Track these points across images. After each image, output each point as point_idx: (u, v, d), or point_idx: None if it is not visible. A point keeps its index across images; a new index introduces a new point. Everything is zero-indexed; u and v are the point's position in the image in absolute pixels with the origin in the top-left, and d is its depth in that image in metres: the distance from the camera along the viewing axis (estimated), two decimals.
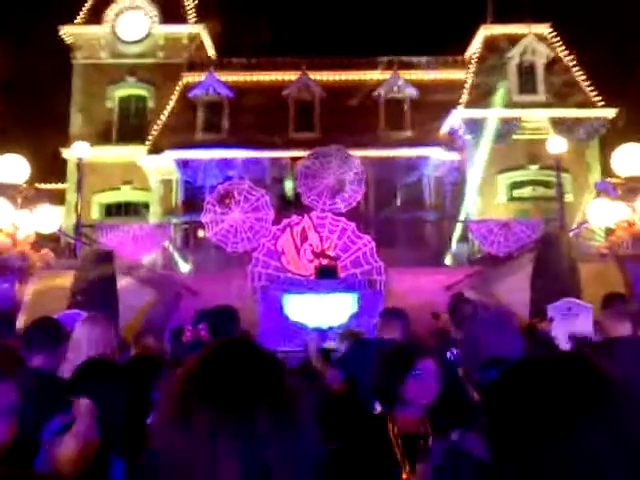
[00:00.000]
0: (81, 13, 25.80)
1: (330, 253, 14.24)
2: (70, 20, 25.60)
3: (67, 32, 25.40)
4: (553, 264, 11.90)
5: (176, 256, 18.73)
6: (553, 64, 22.97)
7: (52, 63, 25.73)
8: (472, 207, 21.57)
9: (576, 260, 12.50)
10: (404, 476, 2.28)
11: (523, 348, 3.05)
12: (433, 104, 23.12)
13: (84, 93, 24.98)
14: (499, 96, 21.90)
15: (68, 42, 25.50)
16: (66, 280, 11.29)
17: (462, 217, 20.88)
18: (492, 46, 23.45)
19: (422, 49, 25.27)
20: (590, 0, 23.32)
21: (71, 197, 21.25)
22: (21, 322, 8.68)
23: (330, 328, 10.35)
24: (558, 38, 23.69)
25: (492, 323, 3.31)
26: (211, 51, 27.72)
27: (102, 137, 23.77)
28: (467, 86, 22.95)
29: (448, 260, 20.10)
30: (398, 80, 24.00)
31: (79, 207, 15.51)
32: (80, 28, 25.51)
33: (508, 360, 2.67)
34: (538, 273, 11.97)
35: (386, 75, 24.32)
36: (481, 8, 24.39)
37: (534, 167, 21.79)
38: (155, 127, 23.53)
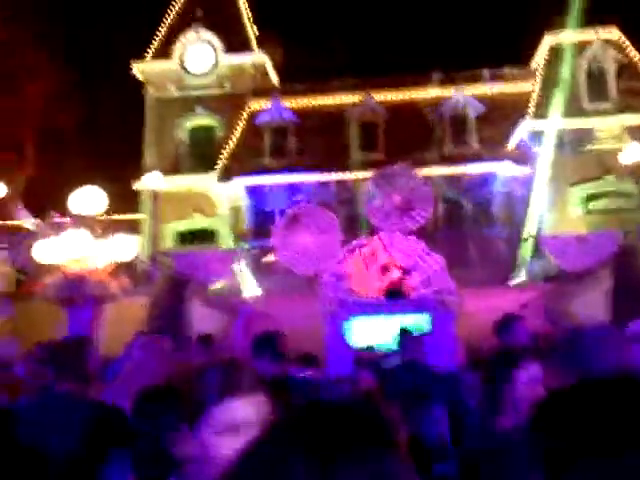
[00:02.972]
0: (151, 48, 26.91)
1: (398, 272, 14.07)
2: (140, 56, 26.73)
3: (138, 68, 26.53)
4: (634, 279, 11.38)
5: (247, 281, 19.01)
6: (624, 69, 22.18)
7: (125, 98, 26.88)
8: (544, 222, 20.96)
9: None
10: None
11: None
12: (499, 118, 22.75)
13: (156, 126, 25.97)
14: (569, 105, 21.29)
15: (140, 78, 26.62)
16: (142, 307, 11.67)
17: (534, 232, 20.29)
18: (558, 54, 22.86)
19: (486, 61, 24.86)
20: None
21: (145, 226, 22.03)
22: (100, 349, 8.99)
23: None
24: (627, 42, 22.88)
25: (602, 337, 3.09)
26: (275, 77, 28.30)
27: (173, 168, 24.60)
28: (534, 97, 22.44)
29: (520, 277, 19.53)
30: (462, 95, 23.74)
31: (153, 236, 16.04)
32: (150, 64, 26.60)
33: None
34: (618, 289, 11.47)
35: (449, 90, 24.11)
36: (545, 16, 23.87)
37: (610, 177, 20.98)
38: (224, 155, 24.15)
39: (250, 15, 27.41)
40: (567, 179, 21.20)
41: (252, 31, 27.17)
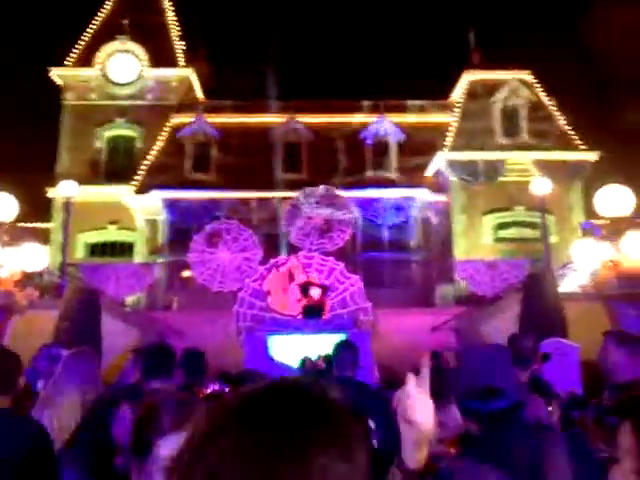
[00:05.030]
0: (72, 55, 26.11)
1: (316, 289, 14.16)
2: (59, 62, 25.87)
3: (57, 74, 25.65)
4: (539, 304, 11.94)
5: (161, 296, 18.58)
6: (535, 108, 23.51)
7: (39, 104, 25.84)
8: (458, 248, 21.71)
9: (562, 300, 12.56)
10: None
11: (516, 380, 3.04)
12: (419, 146, 23.48)
13: (73, 133, 25.12)
14: (483, 139, 22.31)
15: (58, 83, 25.73)
16: (49, 319, 11.13)
17: (448, 258, 20.98)
18: (476, 91, 23.98)
19: (406, 93, 25.73)
20: (568, 50, 23.99)
21: (56, 236, 21.14)
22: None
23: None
24: (539, 84, 24.30)
25: (490, 354, 3.30)
26: (200, 94, 28.07)
27: (89, 177, 23.77)
28: (452, 129, 23.37)
29: (434, 300, 20.11)
30: (384, 123, 24.37)
31: (64, 246, 15.42)
32: (71, 70, 25.78)
33: (504, 391, 2.67)
34: (525, 313, 12.00)
35: (373, 118, 24.71)
36: (464, 54, 25.03)
37: (519, 208, 22.05)
38: (143, 167, 23.63)
39: (178, 30, 27.17)
40: (480, 208, 22.10)
41: (179, 46, 26.90)
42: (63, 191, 22.37)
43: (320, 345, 13.09)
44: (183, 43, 27.04)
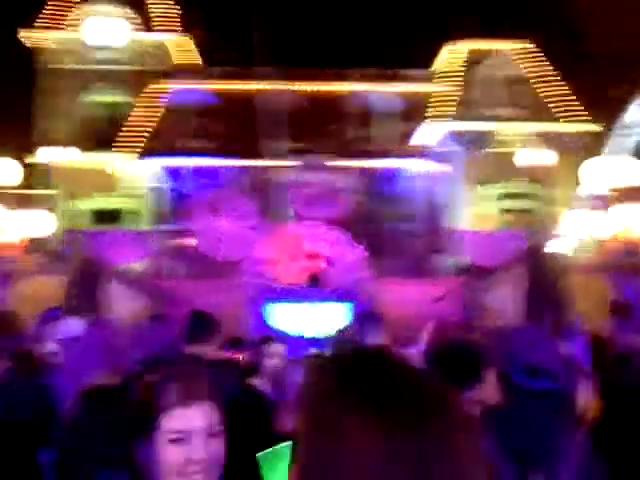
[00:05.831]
0: (46, 16, 25.03)
1: (322, 258, 14.23)
2: (33, 23, 24.81)
3: (30, 36, 24.59)
4: (541, 276, 12.11)
5: (164, 264, 18.56)
6: (537, 78, 23.41)
7: (10, 67, 24.56)
8: (457, 219, 21.82)
9: (563, 271, 12.75)
10: None
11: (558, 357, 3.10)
12: (416, 116, 23.37)
13: (50, 98, 24.27)
14: (484, 109, 22.26)
15: (28, 45, 24.69)
16: (56, 284, 11.12)
17: (446, 229, 21.09)
18: (476, 60, 23.79)
19: (396, 63, 25.39)
20: (565, 16, 23.79)
21: (54, 204, 20.85)
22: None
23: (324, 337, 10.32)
24: (534, 53, 24.11)
25: (534, 334, 3.37)
26: (194, 59, 27.57)
27: (80, 144, 23.27)
28: (452, 98, 23.26)
29: (436, 270, 20.27)
30: (376, 92, 24.23)
31: (64, 214, 15.30)
32: (49, 33, 24.55)
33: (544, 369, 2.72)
34: (530, 284, 12.15)
35: (367, 86, 24.52)
36: (458, 22, 24.66)
37: (520, 179, 22.06)
38: (136, 134, 23.28)
39: None
40: (477, 179, 22.16)
41: (172, 11, 26.28)
42: (50, 157, 21.90)
43: (327, 313, 13.23)
44: (175, 6, 26.37)
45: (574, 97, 23.01)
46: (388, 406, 0.80)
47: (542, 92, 23.21)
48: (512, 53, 23.78)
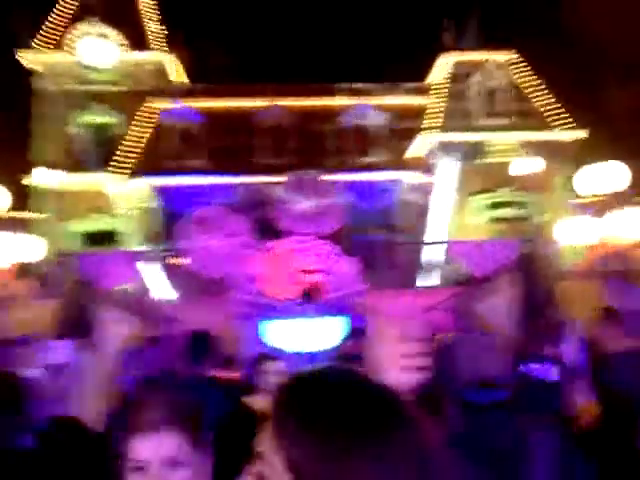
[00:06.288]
0: (43, 37, 25.23)
1: (314, 273, 14.21)
2: (28, 44, 24.95)
3: (26, 57, 24.83)
4: (538, 285, 12.14)
5: (155, 284, 18.47)
6: (521, 88, 23.64)
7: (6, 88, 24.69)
8: (445, 229, 21.89)
9: (556, 278, 12.77)
10: None
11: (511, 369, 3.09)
12: (403, 129, 23.54)
13: (46, 119, 24.34)
14: (470, 120, 22.43)
15: (27, 67, 24.86)
16: (48, 310, 11.04)
17: (436, 239, 21.14)
18: (460, 72, 24.02)
19: (384, 76, 25.67)
20: (550, 26, 24.14)
21: (46, 226, 20.78)
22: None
23: (320, 352, 10.30)
24: (522, 64, 24.39)
25: (479, 344, 3.38)
26: (180, 78, 27.69)
27: (65, 164, 23.26)
28: (438, 111, 23.43)
29: (423, 282, 20.30)
30: (367, 106, 24.38)
31: (55, 236, 15.23)
32: (42, 54, 24.94)
33: (496, 381, 2.72)
34: (524, 291, 12.17)
35: (353, 101, 24.67)
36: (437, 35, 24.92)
37: (508, 189, 22.23)
38: (125, 153, 23.30)
39: (156, 12, 26.68)
40: (467, 189, 22.27)
41: (158, 29, 26.43)
42: (44, 179, 22.01)
43: (322, 328, 13.18)
44: (161, 26, 26.56)
45: (561, 105, 23.23)
46: (323, 434, 0.81)
47: (530, 101, 23.41)
48: (498, 64, 24.02)
